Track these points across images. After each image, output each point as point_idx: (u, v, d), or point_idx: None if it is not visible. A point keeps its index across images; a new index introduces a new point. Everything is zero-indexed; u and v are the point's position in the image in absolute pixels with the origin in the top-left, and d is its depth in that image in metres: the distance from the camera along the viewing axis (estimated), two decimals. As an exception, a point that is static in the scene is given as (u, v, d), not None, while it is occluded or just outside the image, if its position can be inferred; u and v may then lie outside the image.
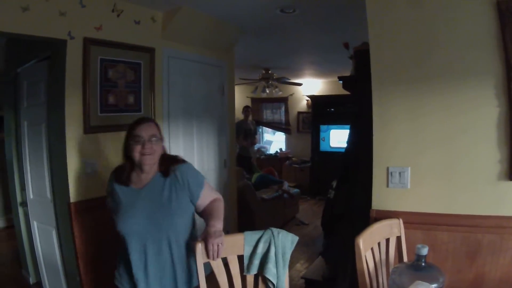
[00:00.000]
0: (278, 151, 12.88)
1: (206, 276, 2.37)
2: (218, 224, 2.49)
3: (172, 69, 4.72)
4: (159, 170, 2.64)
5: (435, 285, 2.00)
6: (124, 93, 4.12)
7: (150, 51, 4.37)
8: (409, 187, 2.98)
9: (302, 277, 4.36)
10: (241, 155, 10.11)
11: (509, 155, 2.68)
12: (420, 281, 1.93)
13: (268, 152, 13.11)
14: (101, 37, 3.88)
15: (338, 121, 10.60)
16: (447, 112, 2.84)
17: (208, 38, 5.09)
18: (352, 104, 3.98)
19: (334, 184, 4.03)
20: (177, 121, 4.84)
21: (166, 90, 4.65)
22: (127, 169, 2.63)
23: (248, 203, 6.94)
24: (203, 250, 2.38)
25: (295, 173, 11.64)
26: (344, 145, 4.14)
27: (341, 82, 4.10)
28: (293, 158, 12.28)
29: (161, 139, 2.66)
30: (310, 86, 12.04)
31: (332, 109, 11.05)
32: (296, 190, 8.94)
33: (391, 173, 3.02)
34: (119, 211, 2.57)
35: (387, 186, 3.05)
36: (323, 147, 11.21)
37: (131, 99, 4.20)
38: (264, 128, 13.86)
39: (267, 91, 10.07)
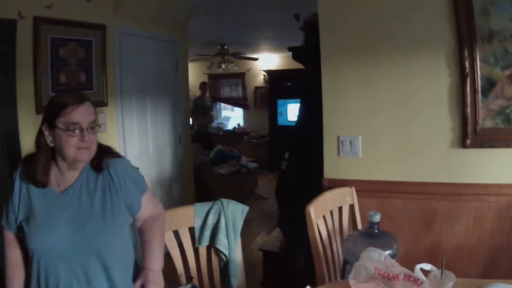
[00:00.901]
0: (236, 126, 12.90)
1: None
2: (157, 265, 2.06)
3: (125, 46, 4.67)
4: (90, 164, 1.97)
5: (389, 251, 1.99)
6: (75, 71, 4.08)
7: (101, 28, 4.31)
8: (360, 155, 3.02)
9: (259, 249, 4.39)
10: (200, 132, 10.12)
11: (461, 123, 2.73)
12: (372, 248, 1.86)
13: (226, 128, 13.11)
14: (52, 16, 3.80)
15: (295, 95, 10.53)
16: (399, 81, 2.86)
17: (160, 14, 5.04)
18: (304, 77, 4.01)
19: (287, 155, 4.07)
20: (130, 98, 4.80)
21: (119, 67, 4.60)
22: (41, 165, 1.89)
23: (206, 179, 6.96)
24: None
25: (254, 148, 11.66)
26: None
27: (291, 53, 4.13)
28: (251, 133, 12.32)
29: (98, 125, 1.95)
30: (267, 61, 12.02)
31: (289, 83, 11.09)
32: (254, 164, 9.00)
33: (342, 142, 3.04)
34: (31, 222, 1.87)
35: (338, 155, 3.07)
36: (280, 121, 11.28)
37: (83, 78, 4.16)
38: (222, 104, 13.85)
39: (223, 67, 10.09)
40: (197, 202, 2.59)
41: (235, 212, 2.58)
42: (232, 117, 13.81)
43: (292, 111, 11.01)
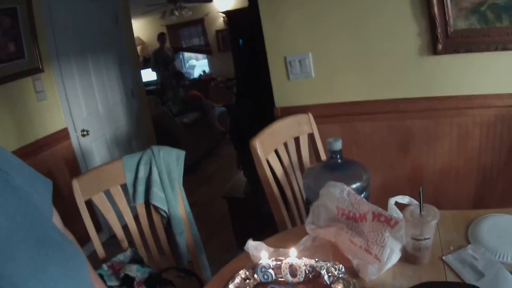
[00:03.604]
0: (202, 73, 12.60)
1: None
2: None
3: (55, 6, 4.36)
4: None
5: (357, 183, 1.73)
6: (2, 42, 3.84)
7: (25, -7, 4.04)
8: (313, 75, 2.73)
9: (222, 197, 4.18)
10: (164, 85, 9.91)
11: (429, 26, 2.35)
12: (333, 182, 1.60)
13: (192, 77, 12.82)
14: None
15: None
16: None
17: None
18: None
19: (235, 90, 3.87)
20: (69, 61, 4.53)
21: (51, 30, 4.31)
22: None
23: (169, 130, 6.78)
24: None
25: (222, 92, 11.42)
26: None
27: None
28: (218, 78, 12.04)
29: None
30: (224, 1, 11.67)
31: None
32: (221, 108, 8.87)
33: (290, 62, 2.75)
34: None
35: (288, 78, 2.80)
36: (245, 61, 11.06)
37: (12, 47, 3.93)
38: (186, 54, 13.56)
39: (177, 14, 9.76)
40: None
41: (168, 160, 2.30)
42: (197, 65, 13.51)
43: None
